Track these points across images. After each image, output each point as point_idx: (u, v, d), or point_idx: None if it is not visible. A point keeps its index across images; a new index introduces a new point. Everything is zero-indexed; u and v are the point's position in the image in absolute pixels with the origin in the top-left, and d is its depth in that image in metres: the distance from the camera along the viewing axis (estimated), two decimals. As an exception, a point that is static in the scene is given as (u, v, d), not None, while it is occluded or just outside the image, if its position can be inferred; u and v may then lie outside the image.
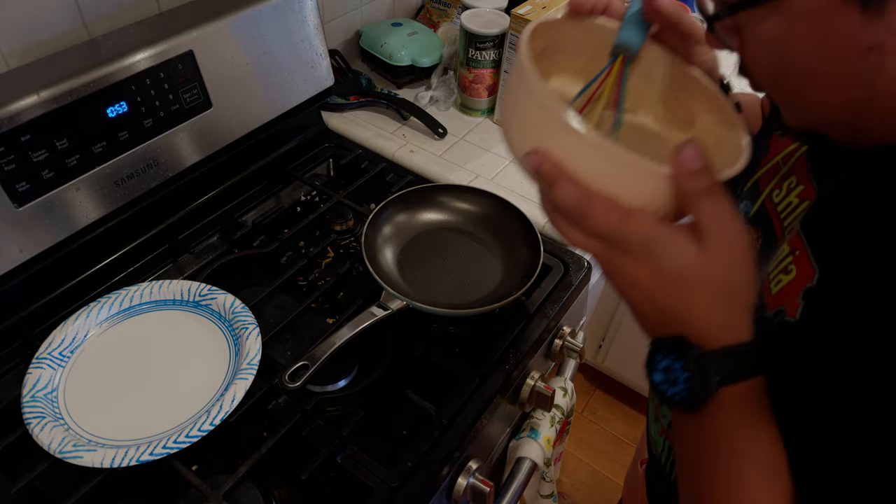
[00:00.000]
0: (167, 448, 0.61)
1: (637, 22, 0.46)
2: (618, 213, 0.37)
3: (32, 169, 0.70)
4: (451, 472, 0.71)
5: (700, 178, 0.36)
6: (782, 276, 0.42)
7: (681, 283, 0.38)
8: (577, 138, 0.36)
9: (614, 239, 0.38)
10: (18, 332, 0.76)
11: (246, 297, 0.77)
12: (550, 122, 0.36)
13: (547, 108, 0.36)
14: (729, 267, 0.37)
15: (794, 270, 0.41)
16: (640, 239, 0.37)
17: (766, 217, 0.50)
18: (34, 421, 0.63)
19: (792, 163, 0.49)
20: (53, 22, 0.78)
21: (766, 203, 0.50)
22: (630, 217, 0.37)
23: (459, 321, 0.82)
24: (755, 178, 0.53)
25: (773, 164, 0.51)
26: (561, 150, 0.37)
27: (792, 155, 0.49)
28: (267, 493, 0.66)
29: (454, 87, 1.20)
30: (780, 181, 0.49)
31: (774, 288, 0.43)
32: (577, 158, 0.37)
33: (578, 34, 0.48)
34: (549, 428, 0.92)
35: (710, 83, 0.46)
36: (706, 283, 0.37)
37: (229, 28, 0.84)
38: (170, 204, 0.89)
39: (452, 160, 1.08)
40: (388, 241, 0.85)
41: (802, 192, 0.46)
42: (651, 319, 0.41)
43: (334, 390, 0.73)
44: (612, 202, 0.37)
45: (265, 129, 0.97)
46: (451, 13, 1.32)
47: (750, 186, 0.53)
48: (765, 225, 0.50)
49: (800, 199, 0.46)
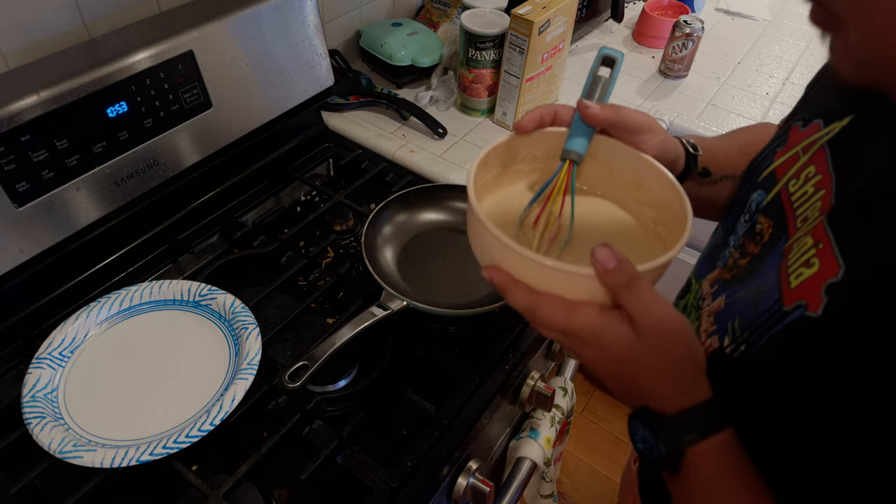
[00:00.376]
0: (167, 448, 0.61)
1: (581, 128, 0.52)
2: (562, 309, 0.42)
3: (32, 169, 0.70)
4: (451, 472, 0.71)
5: (617, 274, 0.40)
6: (804, 269, 0.42)
7: (628, 365, 0.43)
8: (517, 255, 0.42)
9: (566, 332, 0.43)
10: (18, 332, 0.76)
11: (246, 297, 0.77)
12: (494, 243, 0.44)
13: (491, 232, 0.43)
14: (663, 346, 0.42)
15: (816, 264, 0.41)
16: (586, 331, 0.42)
17: (779, 206, 0.49)
18: (34, 421, 0.63)
19: (812, 153, 0.48)
20: (53, 22, 0.78)
21: (782, 192, 0.50)
22: (574, 312, 0.42)
23: (459, 321, 0.82)
24: (772, 167, 0.53)
25: (791, 154, 0.51)
26: (507, 264, 0.44)
27: (812, 145, 0.49)
28: (267, 493, 0.66)
29: (454, 87, 1.20)
30: (798, 171, 0.49)
31: (794, 281, 0.42)
32: (521, 270, 0.44)
33: (531, 145, 0.54)
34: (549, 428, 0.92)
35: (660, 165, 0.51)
36: (647, 363, 0.42)
37: (229, 28, 0.84)
38: (170, 204, 0.89)
39: (452, 160, 1.08)
40: (388, 241, 0.85)
41: (820, 181, 0.46)
42: (620, 393, 0.46)
43: (334, 390, 0.73)
44: (556, 301, 0.42)
45: (265, 129, 0.97)
46: (451, 13, 1.32)
47: (766, 176, 0.53)
48: (777, 214, 0.49)
49: (815, 188, 0.46)
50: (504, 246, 0.43)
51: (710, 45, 1.45)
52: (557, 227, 0.51)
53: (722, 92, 1.32)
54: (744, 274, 0.50)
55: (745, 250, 0.52)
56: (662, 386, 0.43)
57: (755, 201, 0.53)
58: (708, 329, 0.52)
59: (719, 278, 0.54)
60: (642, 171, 0.52)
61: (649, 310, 0.41)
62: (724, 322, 0.50)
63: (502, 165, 0.55)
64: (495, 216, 0.51)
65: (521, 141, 0.54)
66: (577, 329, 0.42)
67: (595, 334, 0.42)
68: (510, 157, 0.55)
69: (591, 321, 0.42)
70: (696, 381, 0.44)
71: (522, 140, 0.54)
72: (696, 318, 0.56)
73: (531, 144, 0.54)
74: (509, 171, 0.56)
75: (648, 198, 0.53)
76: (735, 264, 0.53)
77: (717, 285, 0.54)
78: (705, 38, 1.38)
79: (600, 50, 0.54)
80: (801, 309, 0.41)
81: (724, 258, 0.55)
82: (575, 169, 0.52)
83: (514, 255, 0.43)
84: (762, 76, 1.37)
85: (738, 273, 0.52)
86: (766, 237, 0.50)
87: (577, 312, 0.42)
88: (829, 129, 0.48)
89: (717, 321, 0.51)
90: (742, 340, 0.46)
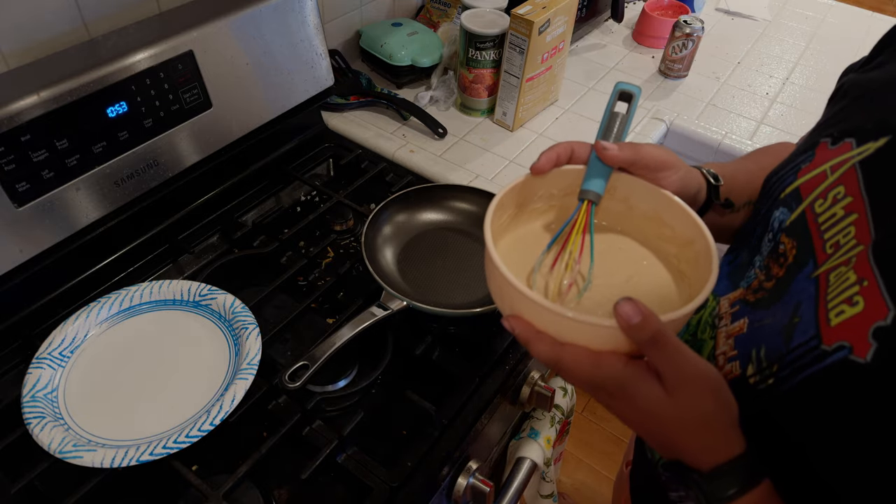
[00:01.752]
0: (167, 448, 0.61)
1: (599, 167, 0.51)
2: (588, 361, 0.41)
3: (32, 169, 0.70)
4: (451, 472, 0.71)
5: (642, 330, 0.39)
6: (845, 306, 0.40)
7: (656, 419, 0.42)
8: (538, 307, 0.42)
9: (592, 383, 0.43)
10: (18, 332, 0.76)
11: (246, 297, 0.77)
12: (514, 294, 0.43)
13: (511, 283, 0.42)
14: (692, 401, 0.41)
15: (861, 303, 0.39)
16: (612, 382, 0.42)
17: (804, 227, 0.47)
18: (34, 421, 0.63)
19: (841, 173, 0.46)
20: (53, 22, 0.78)
21: (807, 212, 0.48)
22: (600, 363, 0.41)
23: (459, 321, 0.82)
24: (796, 184, 0.50)
25: (818, 172, 0.49)
26: (528, 314, 0.44)
27: (842, 165, 0.46)
28: (267, 493, 0.66)
29: (454, 87, 1.20)
30: (826, 191, 0.47)
31: (834, 319, 0.40)
32: (543, 321, 0.43)
33: (547, 183, 0.54)
34: (549, 428, 0.92)
35: (682, 202, 0.51)
36: (676, 418, 0.41)
37: (229, 28, 0.84)
38: (170, 204, 0.89)
39: (452, 160, 1.08)
40: (388, 241, 0.85)
41: (850, 204, 0.44)
42: (653, 444, 0.45)
43: (334, 390, 0.73)
44: (581, 352, 0.42)
45: (265, 129, 0.97)
46: (451, 13, 1.32)
47: (790, 193, 0.51)
48: (801, 235, 0.47)
49: (846, 211, 0.44)
50: (524, 297, 0.42)
51: (710, 45, 1.45)
52: (577, 270, 0.51)
53: (722, 92, 1.32)
54: (769, 298, 0.48)
55: (770, 272, 0.50)
56: (695, 441, 0.43)
57: (778, 219, 0.51)
58: (727, 353, 0.51)
59: (742, 299, 0.52)
60: (663, 207, 0.52)
61: (677, 365, 0.40)
62: (748, 348, 0.48)
63: (518, 205, 0.54)
64: (513, 259, 0.50)
65: (537, 180, 0.53)
66: (604, 382, 0.42)
67: (622, 387, 0.42)
68: (526, 196, 0.54)
69: (618, 373, 0.41)
70: (728, 435, 0.43)
71: (538, 179, 0.53)
72: (711, 336, 0.54)
73: (547, 183, 0.54)
74: (526, 210, 0.55)
75: (671, 234, 0.52)
76: (760, 286, 0.51)
77: (739, 306, 0.52)
78: (705, 38, 1.38)
79: (617, 85, 0.53)
80: (846, 351, 0.38)
81: (749, 279, 0.53)
82: (594, 209, 0.51)
83: (535, 307, 0.42)
84: (762, 76, 1.37)
85: (763, 296, 0.50)
86: (789, 259, 0.48)
87: (603, 365, 0.41)
88: (863, 150, 0.45)
89: (739, 345, 0.49)
90: (770, 373, 0.44)
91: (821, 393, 0.40)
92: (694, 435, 0.42)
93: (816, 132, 0.53)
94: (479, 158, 1.09)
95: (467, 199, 0.90)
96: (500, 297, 0.47)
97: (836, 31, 1.57)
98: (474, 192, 0.90)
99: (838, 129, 0.49)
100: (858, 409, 0.38)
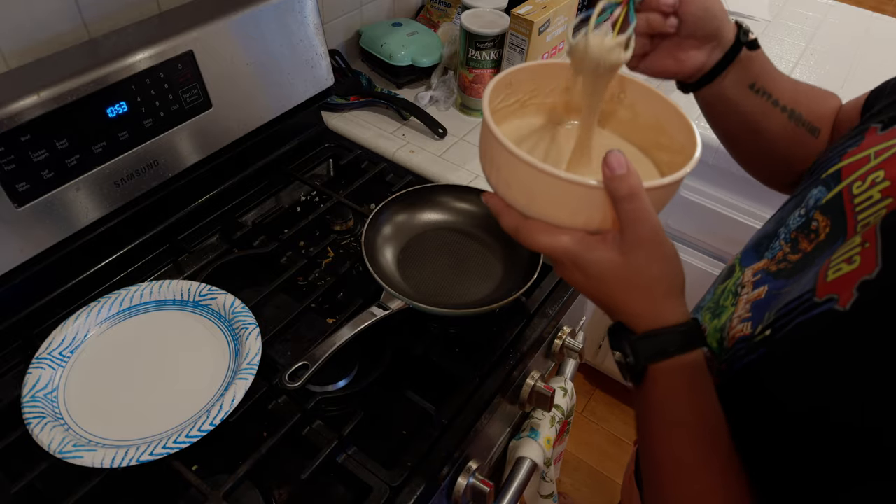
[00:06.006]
0: (167, 448, 0.61)
1: None
2: (546, 233, 0.45)
3: (32, 169, 0.70)
4: (451, 472, 0.71)
5: (623, 181, 0.41)
6: (844, 265, 0.42)
7: (605, 283, 0.45)
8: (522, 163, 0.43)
9: (550, 255, 0.46)
10: (18, 332, 0.76)
11: (246, 297, 0.77)
12: (504, 154, 0.45)
13: (497, 137, 0.44)
14: (641, 263, 0.44)
15: (857, 261, 0.41)
16: (566, 253, 0.45)
17: (839, 206, 0.48)
18: (34, 421, 0.63)
19: (885, 158, 0.47)
20: (53, 22, 0.78)
21: (844, 192, 0.49)
22: (557, 236, 0.45)
23: (459, 321, 0.82)
24: (839, 166, 0.51)
25: (862, 155, 0.50)
26: (513, 172, 0.45)
27: (886, 150, 0.48)
28: (267, 493, 0.66)
29: (454, 87, 1.20)
30: (866, 174, 0.48)
31: (831, 275, 0.42)
32: (527, 179, 0.45)
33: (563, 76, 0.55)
34: (549, 428, 0.92)
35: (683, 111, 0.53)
36: (623, 278, 0.44)
37: (229, 28, 0.85)
38: (170, 204, 0.89)
39: (452, 160, 1.08)
40: (388, 241, 0.85)
41: (888, 188, 0.45)
42: (604, 310, 0.48)
43: (334, 390, 0.73)
44: (541, 225, 0.46)
45: (265, 129, 0.97)
46: (451, 13, 1.32)
47: (831, 174, 0.52)
48: (836, 214, 0.48)
49: (882, 194, 0.45)
50: (512, 155, 0.44)
51: (710, 45, 1.45)
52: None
53: (722, 92, 1.31)
54: (792, 270, 0.50)
55: (798, 246, 0.51)
56: (636, 304, 0.46)
57: (814, 197, 0.52)
58: (742, 315, 0.52)
59: (764, 269, 0.54)
60: (666, 116, 0.53)
61: (640, 223, 0.42)
62: (762, 312, 0.49)
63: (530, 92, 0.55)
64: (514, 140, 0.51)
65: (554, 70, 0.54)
66: (557, 251, 0.45)
67: (574, 257, 0.45)
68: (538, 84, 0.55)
69: (573, 244, 0.45)
70: (668, 303, 0.45)
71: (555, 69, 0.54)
72: (732, 303, 0.55)
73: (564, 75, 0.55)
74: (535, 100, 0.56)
75: (668, 141, 0.54)
76: (784, 258, 0.52)
77: (761, 275, 0.54)
78: (705, 38, 1.38)
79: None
80: (832, 302, 0.40)
81: (774, 250, 0.54)
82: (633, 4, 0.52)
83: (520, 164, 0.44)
84: (762, 76, 1.37)
85: (785, 267, 0.51)
86: (821, 236, 0.49)
87: (561, 235, 0.45)
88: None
89: (754, 309, 0.51)
90: (769, 325, 0.46)
91: (802, 340, 0.42)
92: (636, 297, 0.45)
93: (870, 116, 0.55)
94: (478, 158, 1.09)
95: (467, 199, 0.90)
96: (489, 159, 0.49)
97: (836, 31, 1.57)
98: (474, 192, 0.90)
99: (889, 116, 0.51)
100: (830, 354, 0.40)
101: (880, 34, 1.56)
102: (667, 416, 0.46)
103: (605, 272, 0.45)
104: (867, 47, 1.50)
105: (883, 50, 1.49)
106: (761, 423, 0.45)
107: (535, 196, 0.45)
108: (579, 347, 0.93)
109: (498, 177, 0.48)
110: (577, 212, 0.45)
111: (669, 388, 0.46)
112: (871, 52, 1.48)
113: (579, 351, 0.94)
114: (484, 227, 0.88)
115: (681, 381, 0.45)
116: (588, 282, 0.46)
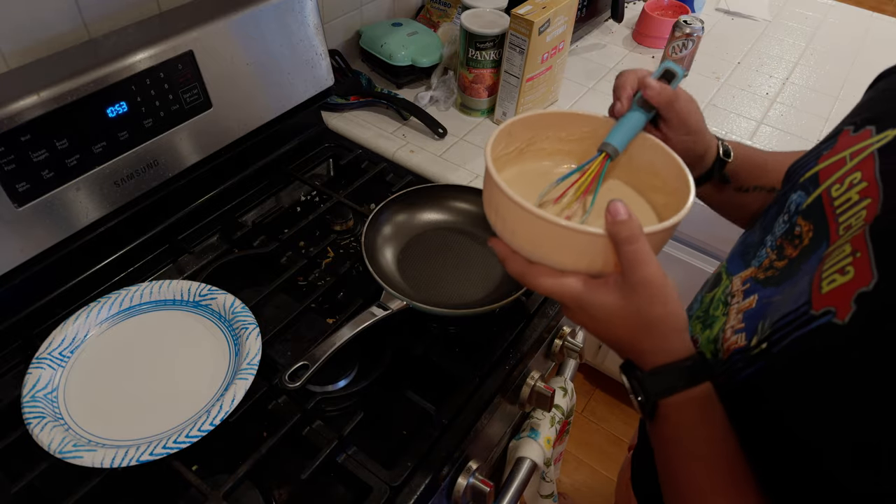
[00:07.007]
0: (167, 448, 0.61)
1: (627, 128, 0.56)
2: (551, 277, 0.48)
3: (32, 169, 0.70)
4: (451, 472, 0.71)
5: (625, 226, 0.44)
6: (837, 276, 0.42)
7: (610, 323, 0.47)
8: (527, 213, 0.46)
9: (555, 298, 0.49)
10: (18, 332, 0.76)
11: (246, 297, 0.77)
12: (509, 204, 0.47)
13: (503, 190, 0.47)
14: (645, 303, 0.45)
15: (851, 272, 0.40)
16: (571, 298, 0.48)
17: (820, 210, 0.49)
18: (34, 421, 0.63)
19: (860, 159, 0.48)
20: (53, 22, 0.78)
21: (823, 196, 0.49)
22: (561, 279, 0.47)
23: (459, 321, 0.82)
24: (816, 169, 0.52)
25: (838, 158, 0.50)
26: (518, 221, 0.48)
27: (861, 151, 0.48)
28: (267, 493, 0.66)
29: (454, 87, 1.20)
30: (843, 176, 0.48)
31: (826, 287, 0.42)
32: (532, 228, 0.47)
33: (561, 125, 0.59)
34: (549, 428, 0.92)
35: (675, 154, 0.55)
36: (627, 320, 0.46)
37: (229, 28, 0.84)
38: (170, 204, 0.89)
39: (452, 160, 1.08)
40: (388, 241, 0.85)
41: (865, 189, 0.45)
42: (612, 349, 0.50)
43: (334, 390, 0.73)
44: (546, 270, 0.48)
45: (265, 129, 0.97)
46: (451, 13, 1.32)
47: (809, 178, 0.52)
48: (818, 218, 0.49)
49: (860, 195, 0.45)
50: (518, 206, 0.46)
51: (710, 45, 1.45)
52: (576, 208, 0.55)
53: (722, 92, 1.32)
54: (779, 276, 0.50)
55: (783, 252, 0.52)
56: (639, 343, 0.47)
57: (795, 202, 0.53)
58: (735, 326, 0.52)
59: (752, 277, 0.54)
60: (658, 158, 0.55)
61: (641, 265, 0.44)
62: (755, 322, 0.49)
63: (527, 141, 0.58)
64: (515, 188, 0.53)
65: (551, 120, 0.57)
66: (563, 295, 0.48)
67: (578, 301, 0.47)
68: (536, 133, 0.58)
69: (577, 288, 0.47)
70: (671, 340, 0.46)
71: (551, 119, 0.57)
72: (723, 313, 0.56)
73: (562, 125, 0.58)
74: (533, 147, 0.59)
75: (661, 184, 0.56)
76: (771, 265, 0.52)
77: (750, 284, 0.54)
78: (705, 38, 1.38)
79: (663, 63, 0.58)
80: (830, 315, 0.40)
81: (760, 258, 0.55)
82: (608, 163, 0.55)
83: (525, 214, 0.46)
84: (762, 76, 1.37)
85: (772, 275, 0.51)
86: (805, 241, 0.49)
87: (566, 280, 0.47)
88: (882, 137, 0.47)
89: (747, 319, 0.51)
90: (765, 338, 0.46)
91: (803, 355, 0.42)
92: (641, 336, 0.47)
93: (843, 122, 0.55)
94: (479, 158, 1.09)
95: (467, 199, 0.90)
96: (494, 209, 0.50)
97: (836, 31, 1.57)
98: (474, 192, 0.90)
99: (861, 118, 0.52)
100: (833, 371, 0.40)
101: (880, 34, 1.56)
102: (682, 449, 0.47)
103: (609, 313, 0.47)
104: (867, 47, 1.50)
105: (883, 50, 1.49)
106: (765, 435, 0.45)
107: (540, 243, 0.48)
108: (579, 347, 0.93)
109: (504, 225, 0.50)
110: (581, 257, 0.47)
111: (681, 422, 0.47)
112: (871, 52, 1.48)
113: (579, 351, 0.94)
114: (484, 226, 0.88)
115: (691, 414, 0.46)
116: (594, 323, 0.48)
